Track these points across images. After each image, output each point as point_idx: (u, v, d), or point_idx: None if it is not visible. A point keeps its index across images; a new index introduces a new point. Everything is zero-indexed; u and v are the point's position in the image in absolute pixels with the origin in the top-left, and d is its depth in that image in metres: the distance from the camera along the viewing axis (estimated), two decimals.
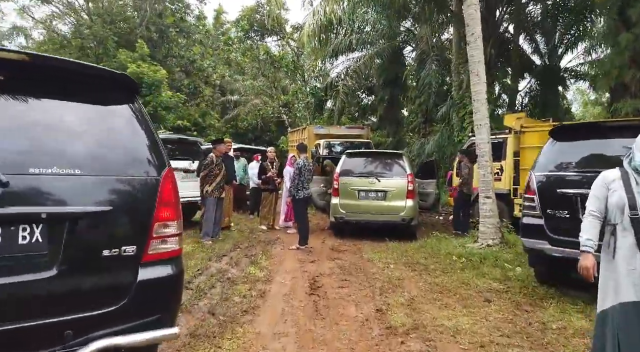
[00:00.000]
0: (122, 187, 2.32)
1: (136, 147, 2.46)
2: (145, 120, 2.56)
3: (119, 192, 2.29)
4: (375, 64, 22.12)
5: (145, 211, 2.37)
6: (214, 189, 7.44)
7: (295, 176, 7.42)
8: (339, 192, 8.58)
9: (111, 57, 20.94)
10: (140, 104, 2.60)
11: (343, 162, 8.79)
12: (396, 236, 8.48)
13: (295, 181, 7.39)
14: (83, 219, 2.15)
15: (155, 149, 2.52)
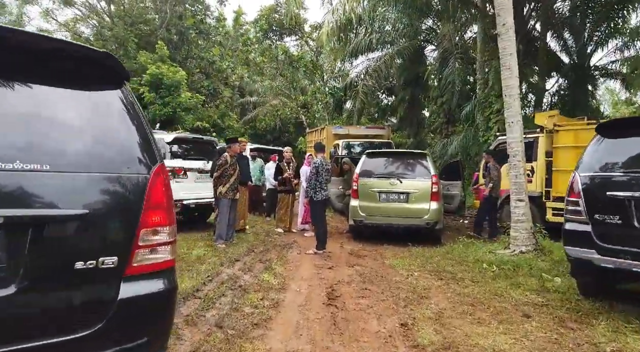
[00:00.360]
0: (102, 186, 1.92)
1: (121, 139, 2.07)
2: (135, 109, 2.17)
3: (97, 192, 1.90)
4: (396, 64, 21.59)
5: (130, 215, 1.98)
6: (228, 190, 7.08)
7: (312, 176, 7.00)
8: (358, 194, 8.12)
9: (132, 58, 20.96)
10: (129, 92, 2.21)
11: (363, 162, 8.33)
12: (419, 241, 7.97)
13: (312, 181, 6.98)
14: (51, 225, 1.77)
15: (144, 143, 2.12)
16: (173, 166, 7.94)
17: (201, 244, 7.11)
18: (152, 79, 19.47)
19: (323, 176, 6.99)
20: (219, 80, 24.27)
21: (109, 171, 1.95)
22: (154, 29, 23.18)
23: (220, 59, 24.18)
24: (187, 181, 8.10)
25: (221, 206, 7.09)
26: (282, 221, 9.13)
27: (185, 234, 7.97)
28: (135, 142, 2.10)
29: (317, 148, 7.38)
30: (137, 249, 1.97)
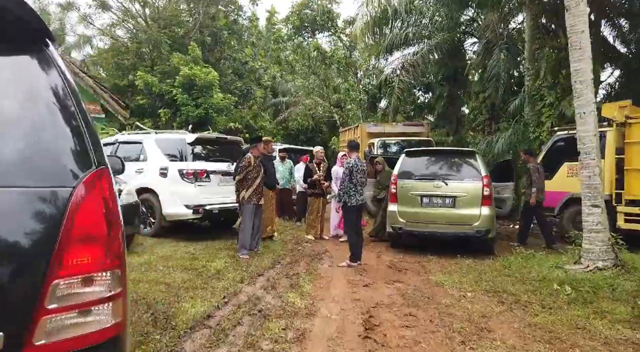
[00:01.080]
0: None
1: (31, 130, 1.28)
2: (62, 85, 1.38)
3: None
4: (433, 59, 20.41)
5: (33, 255, 1.18)
6: (252, 195, 6.32)
7: (345, 178, 6.12)
8: (397, 198, 7.17)
9: (165, 60, 20.77)
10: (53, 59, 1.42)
11: (402, 162, 7.37)
12: (469, 251, 6.93)
13: (345, 184, 6.10)
14: None
15: (73, 137, 1.33)
16: (195, 169, 7.27)
17: (223, 254, 6.37)
18: (185, 80, 19.18)
19: (357, 178, 6.11)
20: (252, 81, 23.77)
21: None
22: (187, 31, 22.95)
23: (252, 59, 23.69)
24: (210, 185, 7.41)
25: (244, 212, 6.33)
26: (313, 227, 8.30)
27: (209, 242, 7.27)
28: (57, 136, 1.30)
29: (351, 147, 6.49)
30: (43, 314, 1.16)
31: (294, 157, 11.04)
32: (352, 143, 6.58)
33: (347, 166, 6.14)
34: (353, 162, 6.12)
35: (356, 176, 6.11)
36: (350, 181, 6.08)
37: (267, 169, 7.42)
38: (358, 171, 6.14)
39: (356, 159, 6.21)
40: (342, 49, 19.16)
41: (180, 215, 7.22)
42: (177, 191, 7.20)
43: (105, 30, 24.31)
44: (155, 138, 7.79)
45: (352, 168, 6.08)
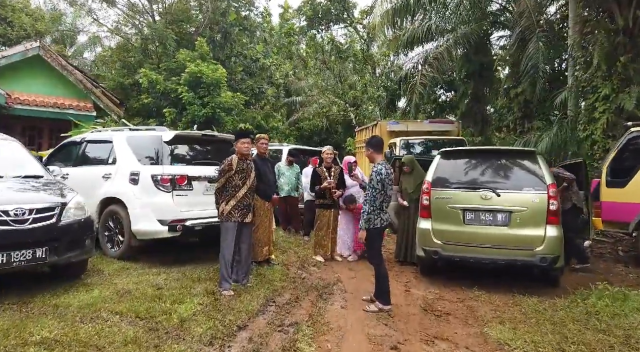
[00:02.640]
0: None
1: None
2: None
3: None
4: (456, 53, 18.59)
5: None
6: (234, 210, 4.65)
7: (374, 194, 4.31)
8: (430, 212, 5.42)
9: (170, 56, 19.39)
10: None
11: (437, 165, 5.60)
12: (526, 282, 5.15)
13: (377, 202, 4.31)
14: None
15: None
16: (172, 174, 5.65)
17: (200, 288, 4.71)
18: (191, 77, 17.75)
19: (388, 192, 4.38)
20: (263, 79, 22.24)
21: None
22: (196, 27, 21.57)
23: (264, 56, 22.15)
24: (193, 194, 5.78)
25: (223, 232, 4.67)
26: (322, 246, 6.59)
27: (188, 268, 5.63)
28: None
29: (373, 145, 4.56)
30: None
31: (304, 160, 9.39)
32: (374, 140, 4.67)
33: (378, 177, 4.29)
34: (384, 172, 4.32)
35: (386, 188, 4.37)
36: (382, 194, 4.33)
37: (264, 174, 5.76)
38: (390, 180, 4.40)
39: (384, 165, 4.42)
40: (358, 42, 17.40)
41: (152, 233, 5.60)
42: (150, 202, 5.59)
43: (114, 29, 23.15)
44: (127, 136, 6.20)
45: (384, 180, 4.29)
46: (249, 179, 4.77)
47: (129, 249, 5.77)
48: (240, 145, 4.74)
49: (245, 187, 4.71)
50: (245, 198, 4.72)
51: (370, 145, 4.57)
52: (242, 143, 4.73)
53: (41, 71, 11.20)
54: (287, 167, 8.43)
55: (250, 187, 4.79)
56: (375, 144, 4.55)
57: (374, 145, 4.54)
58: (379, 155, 4.49)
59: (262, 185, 5.59)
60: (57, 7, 26.62)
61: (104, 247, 6.03)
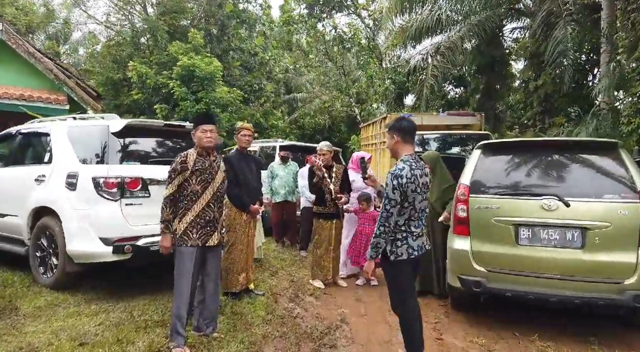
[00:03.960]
0: None
1: None
2: None
3: None
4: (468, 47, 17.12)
5: None
6: (193, 227, 3.15)
7: (391, 209, 2.74)
8: (469, 228, 3.89)
9: (162, 49, 17.93)
10: None
11: (476, 163, 4.07)
12: (611, 329, 3.62)
13: (390, 220, 2.75)
14: None
15: None
16: (120, 176, 4.16)
17: (142, 344, 3.20)
18: (184, 71, 16.28)
19: (416, 203, 2.82)
20: (262, 75, 20.74)
21: None
22: (191, 19, 20.10)
23: (263, 50, 20.65)
24: (150, 202, 4.26)
25: (177, 261, 3.17)
26: (321, 267, 5.07)
27: (142, 302, 4.14)
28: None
29: (400, 130, 2.91)
30: None
31: (301, 158, 7.88)
32: (404, 123, 2.95)
33: (395, 180, 2.73)
34: (407, 172, 2.78)
35: (413, 199, 2.84)
36: (400, 212, 2.82)
37: (242, 175, 4.28)
38: (420, 186, 2.84)
39: (412, 159, 2.90)
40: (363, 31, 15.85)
41: (91, 255, 4.11)
42: (89, 213, 4.10)
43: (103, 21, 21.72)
44: (68, 127, 4.71)
45: (404, 184, 2.77)
46: (214, 182, 3.27)
47: (65, 276, 4.28)
48: (201, 134, 3.23)
49: (207, 194, 3.21)
50: (208, 211, 3.21)
51: (395, 130, 2.91)
52: (204, 131, 3.23)
53: (5, 58, 9.77)
54: (281, 166, 6.94)
55: (216, 195, 3.28)
56: (404, 129, 2.89)
57: (401, 130, 2.88)
58: (407, 147, 2.91)
59: (238, 190, 4.11)
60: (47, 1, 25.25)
61: (34, 272, 4.56)
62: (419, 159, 2.99)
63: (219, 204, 3.30)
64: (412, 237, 2.82)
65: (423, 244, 2.90)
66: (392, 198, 2.72)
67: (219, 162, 3.38)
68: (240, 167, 4.31)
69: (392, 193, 2.73)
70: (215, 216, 3.26)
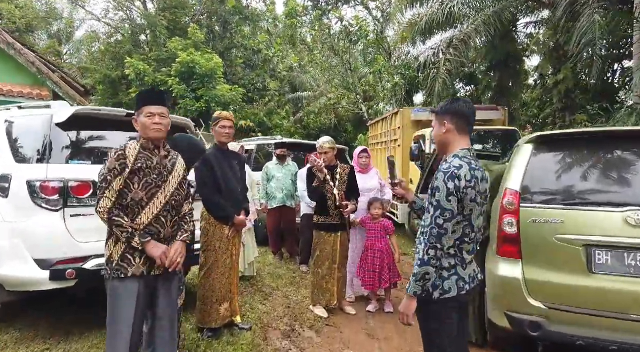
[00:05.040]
0: None
1: None
2: None
3: None
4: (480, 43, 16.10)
5: None
6: (132, 251, 2.15)
7: (444, 222, 1.79)
8: (520, 248, 2.86)
9: (161, 45, 17.04)
10: None
11: (528, 162, 3.02)
12: None
13: (445, 240, 1.80)
14: None
15: None
16: (65, 179, 3.17)
17: None
18: (183, 68, 15.38)
19: (473, 220, 1.85)
20: (265, 72, 19.80)
21: None
22: (192, 15, 19.20)
23: (266, 47, 19.69)
24: None
25: (112, 300, 2.16)
26: (324, 290, 4.04)
27: (83, 337, 3.16)
28: None
29: (453, 113, 1.96)
30: None
31: (302, 157, 6.88)
32: (457, 105, 1.97)
33: (452, 181, 1.81)
34: (466, 168, 1.82)
35: (470, 211, 1.83)
36: (456, 227, 1.82)
37: (223, 178, 3.29)
38: (479, 194, 1.85)
39: (470, 155, 1.92)
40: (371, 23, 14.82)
41: (23, 281, 3.12)
42: (22, 226, 3.12)
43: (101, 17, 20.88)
44: (7, 118, 3.73)
45: (464, 185, 1.79)
46: (166, 187, 2.25)
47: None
48: (146, 119, 2.23)
49: (156, 203, 2.19)
50: (157, 226, 2.20)
51: (447, 114, 1.98)
52: (150, 115, 2.23)
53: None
54: (278, 166, 5.93)
55: (170, 204, 2.26)
56: (460, 113, 1.96)
57: (456, 115, 1.96)
58: (462, 139, 1.96)
59: (219, 197, 3.13)
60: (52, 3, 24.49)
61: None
62: (473, 155, 1.98)
63: (173, 218, 2.29)
64: (463, 265, 1.85)
65: (475, 273, 1.92)
66: (448, 208, 1.80)
67: (175, 159, 2.38)
68: (221, 168, 3.31)
69: (447, 200, 1.81)
70: (167, 234, 2.25)
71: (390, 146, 8.78)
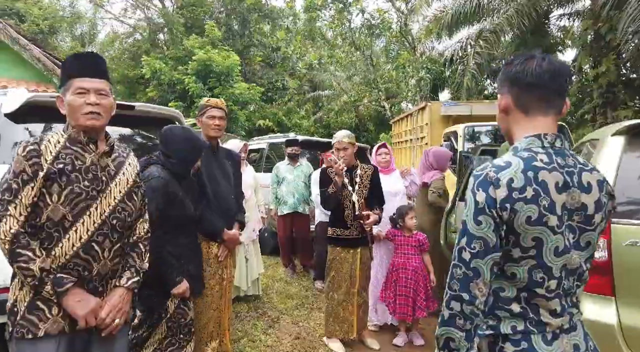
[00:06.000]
0: None
1: None
2: None
3: None
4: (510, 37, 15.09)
5: None
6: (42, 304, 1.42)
7: (474, 247, 1.02)
8: (613, 282, 2.02)
9: (178, 44, 16.63)
10: None
11: (619, 163, 2.18)
12: None
13: (494, 285, 1.03)
14: None
15: None
16: None
17: None
18: (199, 66, 14.91)
19: (570, 244, 1.07)
20: (285, 71, 19.19)
21: None
22: (210, 12, 18.77)
23: (286, 45, 19.08)
24: None
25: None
26: (341, 320, 3.26)
27: None
28: None
29: (514, 81, 1.17)
30: None
31: (318, 156, 6.12)
32: (513, 70, 1.16)
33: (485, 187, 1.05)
34: (519, 166, 1.05)
35: (539, 239, 1.04)
36: (506, 262, 1.04)
37: (212, 185, 2.56)
38: (559, 210, 1.04)
39: (541, 147, 1.11)
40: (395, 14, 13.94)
41: None
42: None
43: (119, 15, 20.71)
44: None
45: (506, 195, 1.02)
46: (104, 199, 1.52)
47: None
48: (75, 98, 1.51)
49: (87, 222, 1.46)
50: (87, 258, 1.47)
51: (503, 81, 1.20)
52: (81, 92, 1.50)
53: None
54: (289, 167, 5.19)
55: (110, 225, 1.52)
56: (519, 77, 1.17)
57: (514, 80, 1.19)
58: (528, 120, 1.19)
59: (205, 207, 2.41)
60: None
61: None
62: (563, 147, 1.18)
63: (115, 246, 1.56)
64: (543, 335, 1.07)
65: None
66: (478, 236, 1.08)
67: (123, 159, 1.65)
68: (209, 169, 2.60)
69: (475, 223, 1.08)
70: (104, 272, 1.52)
71: (416, 145, 7.94)
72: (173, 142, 2.13)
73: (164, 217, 2.05)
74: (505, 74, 1.24)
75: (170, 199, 2.12)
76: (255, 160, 7.01)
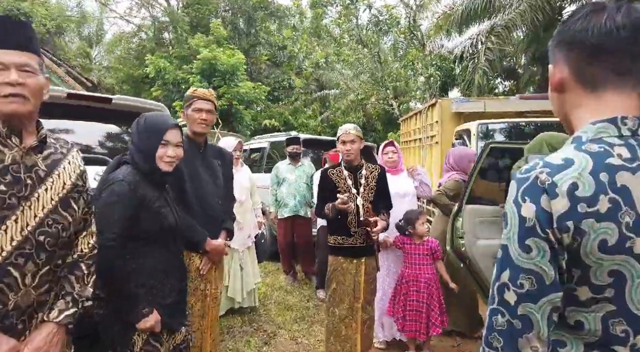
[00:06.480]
0: None
1: None
2: None
3: None
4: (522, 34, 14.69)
5: None
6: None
7: (521, 286, 0.69)
8: None
9: (183, 42, 16.43)
10: None
11: None
12: None
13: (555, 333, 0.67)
14: None
15: None
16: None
17: None
18: (204, 65, 14.67)
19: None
20: (291, 70, 18.89)
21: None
22: (216, 11, 18.55)
23: (292, 43, 18.78)
24: None
25: None
26: (343, 338, 2.90)
27: None
28: None
29: (569, 44, 0.84)
30: None
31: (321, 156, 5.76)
32: (567, 29, 0.83)
33: (534, 197, 0.72)
34: (586, 166, 0.71)
35: (610, 278, 0.69)
36: (570, 302, 0.69)
37: (195, 187, 2.20)
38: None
39: (618, 136, 0.76)
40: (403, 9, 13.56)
41: None
42: None
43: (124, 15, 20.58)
44: None
45: (569, 207, 0.69)
46: (30, 206, 1.17)
47: None
48: None
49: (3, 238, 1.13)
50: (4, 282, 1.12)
51: (556, 46, 0.90)
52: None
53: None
54: (290, 167, 4.85)
55: (31, 241, 1.19)
56: (579, 39, 0.81)
57: (571, 43, 0.84)
58: (595, 97, 0.82)
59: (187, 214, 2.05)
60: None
61: None
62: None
63: (42, 269, 1.21)
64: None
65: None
66: (527, 268, 0.70)
67: (59, 157, 1.31)
68: (193, 170, 2.26)
69: (522, 249, 0.70)
70: (26, 304, 1.18)
71: (427, 144, 7.56)
72: (134, 133, 1.78)
73: (131, 228, 1.70)
74: (560, 34, 0.89)
75: (140, 205, 1.77)
76: (256, 160, 6.69)
